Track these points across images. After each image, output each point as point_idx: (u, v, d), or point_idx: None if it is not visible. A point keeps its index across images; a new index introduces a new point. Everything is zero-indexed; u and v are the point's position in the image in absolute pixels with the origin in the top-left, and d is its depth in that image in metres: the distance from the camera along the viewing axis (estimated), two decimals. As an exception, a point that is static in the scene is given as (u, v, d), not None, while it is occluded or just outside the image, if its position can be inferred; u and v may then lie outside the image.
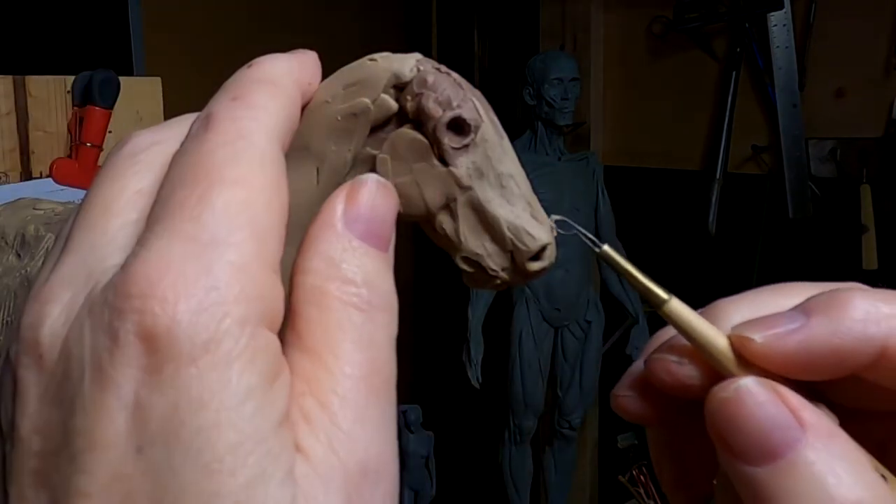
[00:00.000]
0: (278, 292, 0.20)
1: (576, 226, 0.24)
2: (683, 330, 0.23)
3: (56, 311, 0.19)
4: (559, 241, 0.25)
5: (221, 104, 0.21)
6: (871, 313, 0.21)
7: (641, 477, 1.88)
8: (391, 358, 0.21)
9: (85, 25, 1.61)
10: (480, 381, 1.85)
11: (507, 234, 0.24)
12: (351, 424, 0.19)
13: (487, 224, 0.24)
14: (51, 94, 1.06)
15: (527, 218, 0.24)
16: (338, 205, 0.21)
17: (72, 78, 1.08)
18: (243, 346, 0.18)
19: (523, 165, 0.24)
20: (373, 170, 0.24)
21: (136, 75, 1.56)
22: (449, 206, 0.24)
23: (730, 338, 0.22)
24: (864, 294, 0.22)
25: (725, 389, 0.22)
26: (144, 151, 0.22)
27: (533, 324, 1.90)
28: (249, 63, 0.23)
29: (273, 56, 0.23)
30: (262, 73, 0.22)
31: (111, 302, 0.18)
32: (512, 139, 0.24)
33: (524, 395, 1.92)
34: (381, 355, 0.20)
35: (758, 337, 0.22)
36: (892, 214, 1.70)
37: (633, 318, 1.92)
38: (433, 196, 0.24)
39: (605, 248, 0.24)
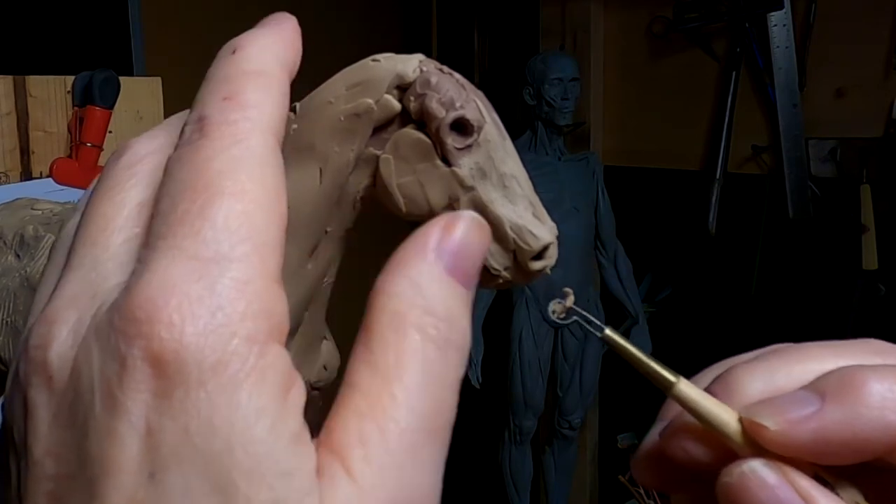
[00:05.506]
0: (283, 304, 0.19)
1: (578, 309, 0.24)
2: (694, 412, 0.23)
3: (63, 332, 0.19)
4: (559, 240, 0.25)
5: (213, 105, 0.21)
6: (887, 399, 0.21)
7: (641, 477, 1.88)
8: (454, 402, 0.20)
9: (85, 25, 1.60)
10: (480, 381, 1.85)
11: (510, 233, 0.24)
12: (404, 458, 0.19)
13: (490, 224, 0.24)
14: (51, 94, 1.06)
15: (529, 218, 0.24)
16: (433, 234, 0.21)
17: (72, 78, 1.08)
18: (251, 365, 0.18)
19: (523, 165, 0.24)
20: (376, 170, 0.24)
21: (136, 75, 1.56)
22: (452, 206, 0.24)
23: (741, 420, 0.22)
24: (878, 376, 0.21)
25: (730, 474, 0.21)
26: (142, 161, 0.22)
27: (533, 324, 1.90)
28: (232, 46, 0.22)
29: (256, 37, 0.22)
30: (251, 64, 0.22)
31: (117, 325, 0.18)
32: (512, 139, 0.24)
33: (524, 395, 1.92)
34: (446, 396, 0.20)
35: (771, 424, 0.21)
36: (892, 214, 1.70)
37: (633, 318, 1.93)
38: (436, 196, 0.24)
39: (608, 331, 0.24)
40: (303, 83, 0.25)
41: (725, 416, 0.22)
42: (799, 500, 0.20)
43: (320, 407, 0.26)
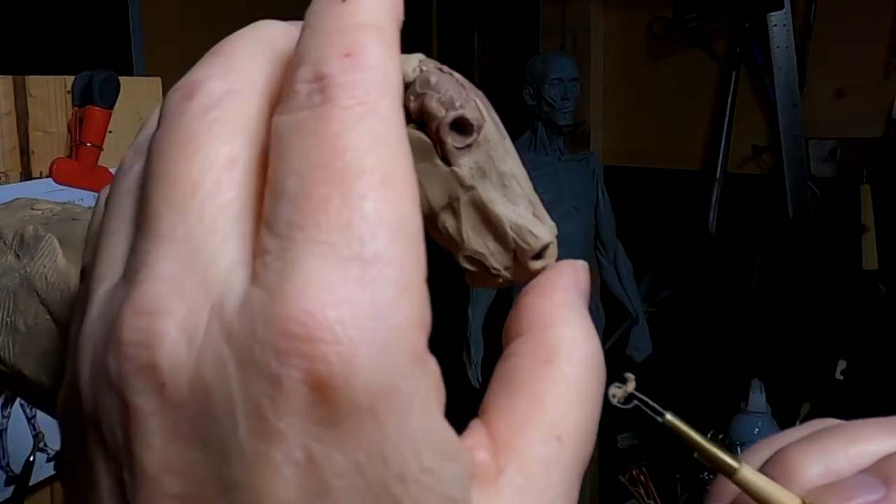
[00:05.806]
0: (429, 305, 0.17)
1: (639, 395, 0.24)
2: (758, 497, 0.23)
3: (171, 329, 0.16)
4: (559, 240, 0.25)
5: (333, 62, 0.17)
6: None
7: (641, 477, 1.88)
8: (592, 444, 0.20)
9: (85, 25, 1.61)
10: (480, 381, 1.85)
11: (510, 233, 0.24)
12: (570, 485, 0.19)
13: (490, 223, 0.24)
14: (51, 94, 1.06)
15: (529, 217, 0.24)
16: (572, 274, 0.22)
17: (72, 78, 1.08)
18: (417, 386, 0.16)
19: (524, 165, 0.24)
20: None
21: (136, 75, 1.56)
22: (452, 206, 0.24)
23: None
24: None
25: None
26: (220, 104, 0.18)
27: (533, 324, 1.90)
28: None
29: None
30: (365, 16, 0.18)
31: (264, 338, 0.16)
32: (512, 139, 0.24)
33: (524, 396, 1.92)
34: (589, 440, 0.20)
35: None
36: (892, 214, 1.70)
37: (633, 318, 1.92)
38: (436, 195, 0.24)
39: (669, 416, 0.23)
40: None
41: (789, 501, 0.23)
42: None
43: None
